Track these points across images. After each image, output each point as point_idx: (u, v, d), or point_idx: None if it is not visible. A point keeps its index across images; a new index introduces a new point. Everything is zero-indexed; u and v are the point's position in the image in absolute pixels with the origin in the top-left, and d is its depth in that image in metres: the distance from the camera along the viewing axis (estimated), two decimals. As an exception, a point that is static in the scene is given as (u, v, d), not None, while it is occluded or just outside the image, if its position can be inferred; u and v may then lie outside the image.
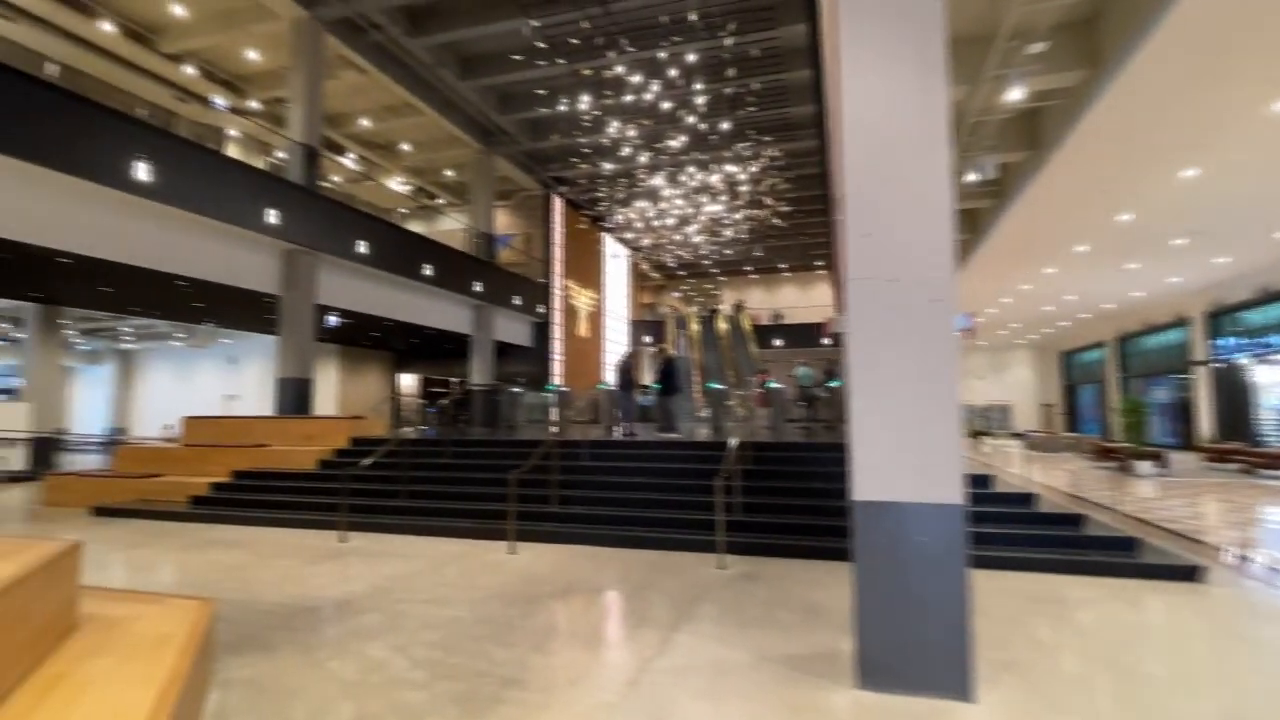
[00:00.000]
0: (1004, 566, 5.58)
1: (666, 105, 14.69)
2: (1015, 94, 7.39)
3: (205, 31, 15.24)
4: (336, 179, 23.01)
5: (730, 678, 3.49)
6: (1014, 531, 6.02)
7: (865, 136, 3.46)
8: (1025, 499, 6.67)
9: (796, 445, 8.37)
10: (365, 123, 19.77)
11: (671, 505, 7.21)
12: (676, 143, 15.82)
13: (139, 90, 16.37)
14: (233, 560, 6.24)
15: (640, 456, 8.42)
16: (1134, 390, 22.85)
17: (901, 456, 3.29)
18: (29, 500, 10.17)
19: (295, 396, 13.18)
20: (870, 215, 3.42)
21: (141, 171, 10.22)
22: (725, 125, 15.30)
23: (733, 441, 6.61)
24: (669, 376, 9.91)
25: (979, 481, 6.94)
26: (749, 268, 37.50)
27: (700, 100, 14.43)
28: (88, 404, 26.49)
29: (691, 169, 16.90)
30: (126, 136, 10.11)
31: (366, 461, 7.63)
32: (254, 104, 18.05)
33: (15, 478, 12.61)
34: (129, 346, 25.35)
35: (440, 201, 25.32)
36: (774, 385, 11.15)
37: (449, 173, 23.95)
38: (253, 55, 16.29)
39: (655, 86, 13.68)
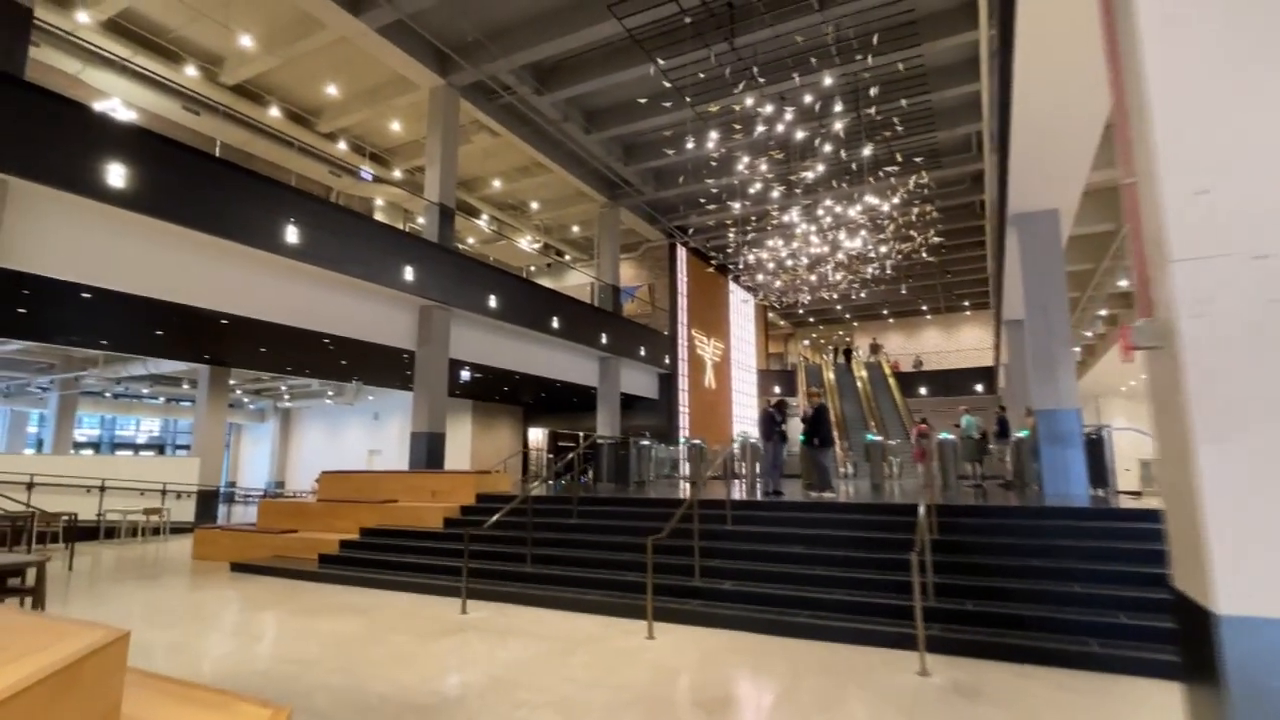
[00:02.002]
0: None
1: (798, 137, 13.77)
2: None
3: (355, 109, 16.39)
4: (471, 241, 24.02)
5: None
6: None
7: (1188, 49, 2.29)
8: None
9: (995, 510, 6.78)
10: (497, 184, 20.46)
11: (841, 584, 5.89)
12: (810, 175, 14.79)
13: (301, 168, 17.81)
14: (347, 630, 5.66)
15: (795, 520, 7.17)
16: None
17: (1315, 544, 1.97)
18: (182, 553, 10.50)
19: (428, 451, 13.12)
20: (1206, 160, 2.22)
21: (290, 235, 10.66)
22: (863, 154, 14.11)
23: (921, 506, 5.27)
24: (820, 425, 8.62)
25: None
26: (885, 310, 35.08)
27: (835, 128, 13.40)
28: (254, 459, 28.82)
29: (829, 201, 15.74)
30: (277, 202, 10.61)
31: (489, 522, 6.97)
32: (396, 173, 19.19)
33: (179, 529, 13.30)
34: (288, 405, 27.44)
35: (567, 258, 25.72)
36: (946, 436, 9.49)
37: (575, 229, 24.32)
38: (395, 127, 17.33)
39: (786, 118, 12.82)
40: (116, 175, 8.70)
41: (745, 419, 30.11)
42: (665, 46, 12.93)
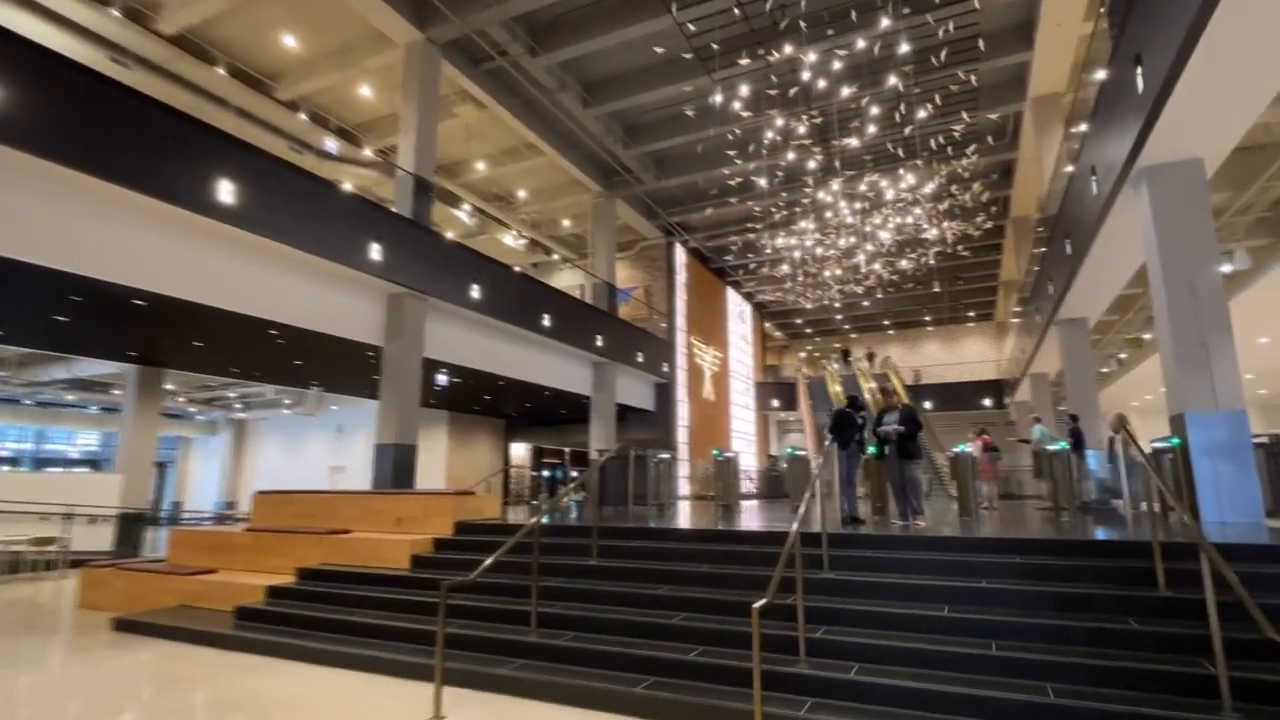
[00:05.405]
0: None
1: (825, 101, 11.92)
2: None
3: (321, 71, 14.17)
4: (451, 235, 21.76)
5: None
6: None
7: None
8: None
9: (1243, 550, 4.71)
10: (481, 167, 18.32)
11: (1033, 671, 3.76)
12: (848, 142, 12.89)
13: (255, 140, 15.49)
14: (242, 761, 3.41)
15: (918, 565, 5.02)
16: None
17: None
18: (66, 599, 8.06)
19: (396, 466, 10.83)
20: None
21: (226, 193, 8.41)
22: (907, 125, 12.29)
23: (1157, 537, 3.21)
24: (915, 433, 6.55)
25: None
26: (886, 321, 33.43)
27: (874, 93, 11.55)
28: (204, 476, 26.00)
29: (861, 186, 13.84)
30: (207, 150, 8.36)
31: (478, 569, 4.73)
32: (367, 152, 16.95)
33: (84, 561, 10.76)
34: (241, 416, 24.73)
35: (555, 257, 23.57)
36: (1060, 445, 7.46)
37: (566, 223, 22.21)
38: (366, 93, 15.11)
39: (820, 81, 10.91)
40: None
41: (744, 434, 28.06)
42: (682, -6, 11.01)
